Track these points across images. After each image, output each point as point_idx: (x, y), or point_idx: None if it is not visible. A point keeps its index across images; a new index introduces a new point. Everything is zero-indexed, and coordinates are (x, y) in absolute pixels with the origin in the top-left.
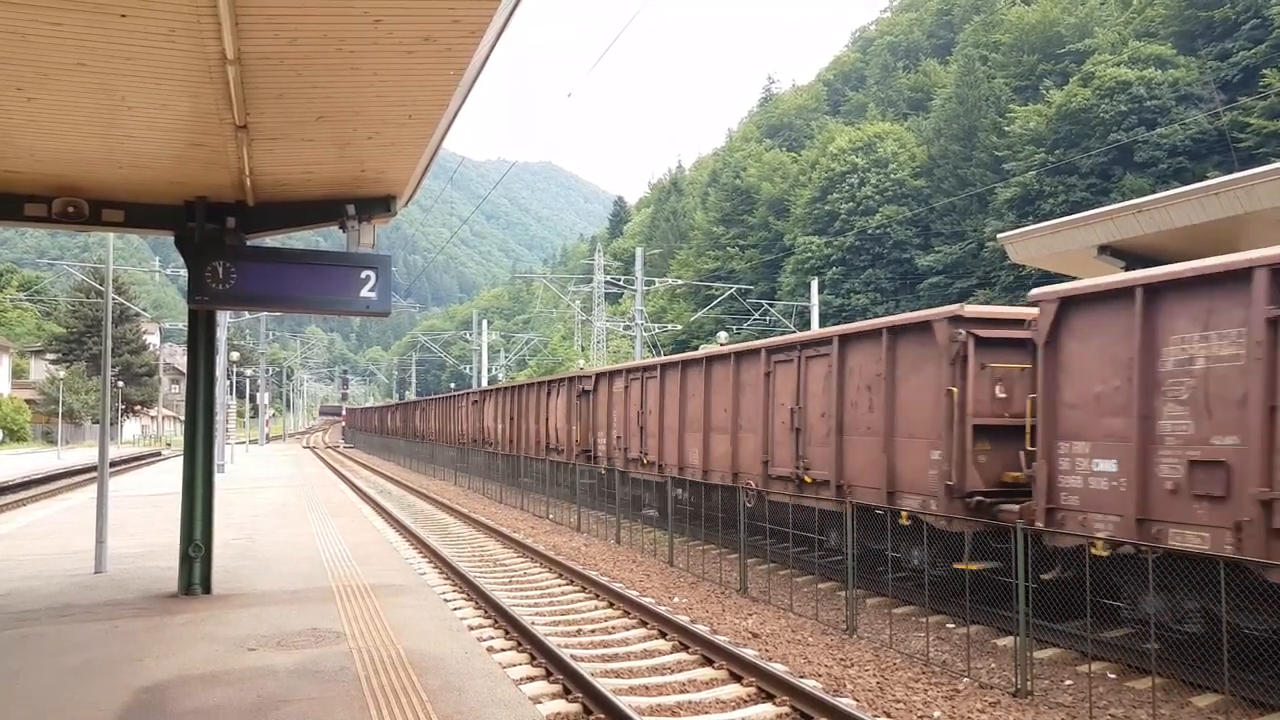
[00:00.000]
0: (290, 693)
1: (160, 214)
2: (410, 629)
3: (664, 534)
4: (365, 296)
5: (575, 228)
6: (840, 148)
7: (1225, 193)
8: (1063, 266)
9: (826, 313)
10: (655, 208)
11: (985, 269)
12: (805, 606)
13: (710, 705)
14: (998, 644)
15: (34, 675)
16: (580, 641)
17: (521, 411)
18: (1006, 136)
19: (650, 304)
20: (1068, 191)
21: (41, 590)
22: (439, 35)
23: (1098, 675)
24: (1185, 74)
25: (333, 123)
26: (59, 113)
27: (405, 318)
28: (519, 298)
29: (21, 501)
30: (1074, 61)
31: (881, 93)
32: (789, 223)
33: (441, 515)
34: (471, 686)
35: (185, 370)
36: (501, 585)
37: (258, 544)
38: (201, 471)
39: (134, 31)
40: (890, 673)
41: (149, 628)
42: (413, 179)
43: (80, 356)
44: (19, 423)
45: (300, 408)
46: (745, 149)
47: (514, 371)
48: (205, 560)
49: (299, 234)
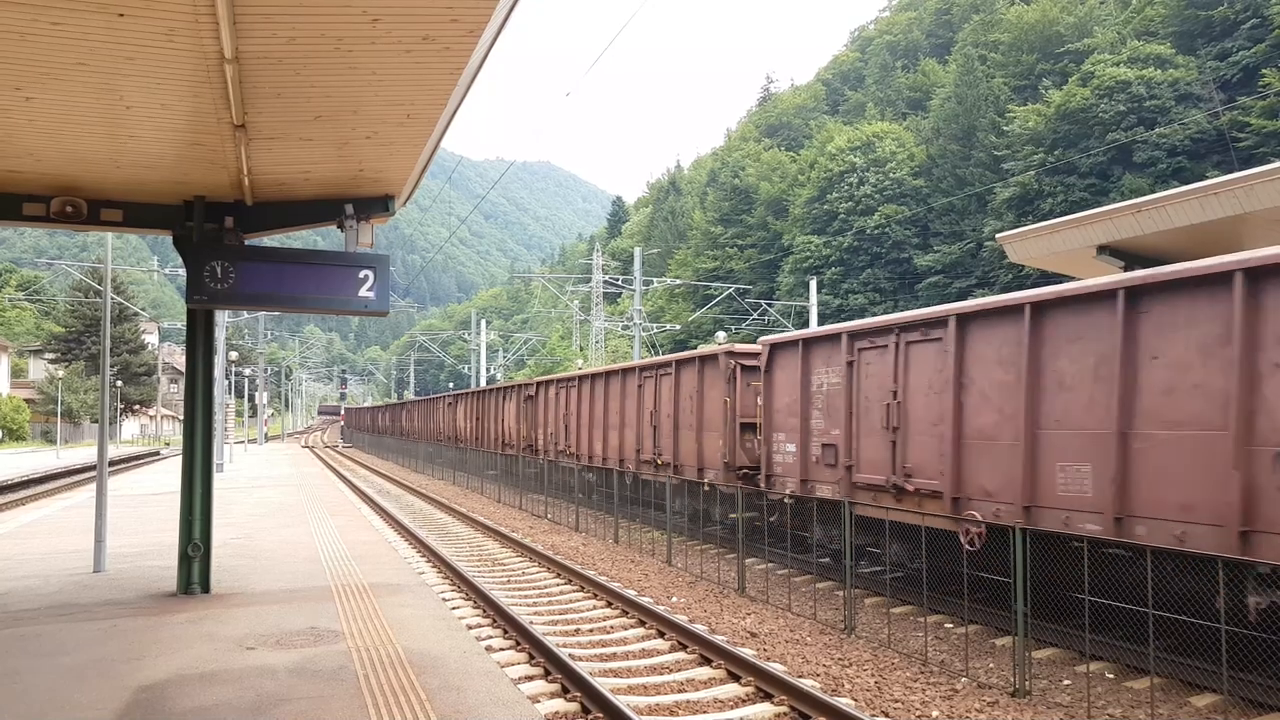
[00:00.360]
0: (289, 692)
1: (159, 213)
2: (409, 628)
3: (662, 534)
4: (364, 296)
5: (574, 227)
6: (839, 147)
7: (1225, 192)
8: (1062, 266)
9: (825, 312)
10: (654, 207)
11: (984, 269)
12: (803, 606)
13: (708, 704)
14: (996, 644)
15: (33, 674)
16: (579, 641)
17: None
18: (1005, 136)
19: (649, 304)
20: (1067, 191)
21: (40, 589)
22: (437, 34)
23: (1096, 675)
24: (1184, 74)
25: (331, 122)
26: (58, 112)
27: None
28: (517, 297)
29: (21, 501)
30: (1073, 61)
31: (880, 92)
32: (787, 222)
33: (440, 515)
34: (470, 685)
35: (184, 370)
36: (500, 584)
37: (256, 543)
38: (200, 471)
39: (133, 31)
40: (888, 672)
41: (148, 627)
42: (411, 178)
43: (79, 356)
44: (18, 422)
45: (299, 407)
46: (744, 148)
47: (512, 371)
48: (204, 559)
49: (297, 233)
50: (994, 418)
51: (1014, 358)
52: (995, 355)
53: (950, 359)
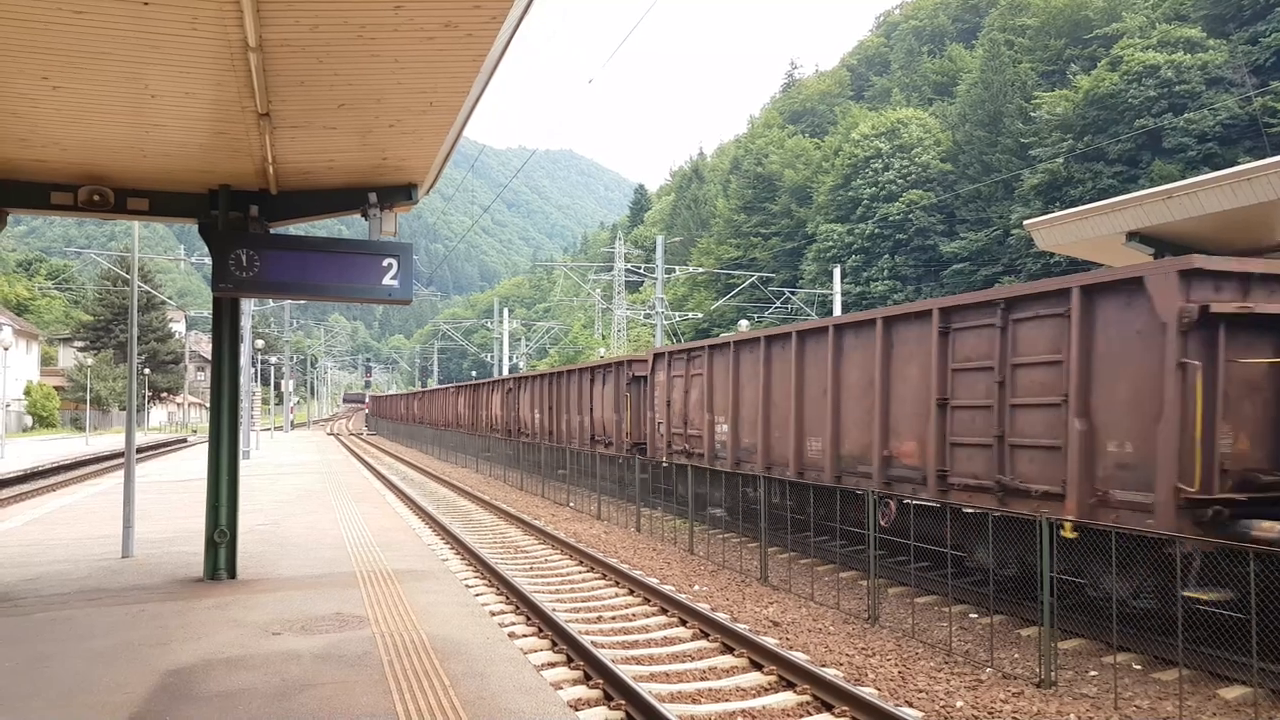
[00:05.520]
0: (314, 677)
1: (185, 202)
2: (433, 614)
3: (684, 522)
4: (387, 284)
5: (596, 215)
6: (864, 133)
7: (1258, 178)
8: (1090, 254)
9: (847, 300)
10: (676, 195)
11: (1011, 256)
12: (826, 595)
13: (730, 693)
14: (1021, 634)
15: (64, 658)
16: (601, 629)
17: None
18: (1033, 122)
19: (671, 292)
20: (1095, 178)
21: (70, 574)
22: (460, 21)
23: (1123, 666)
24: (1215, 57)
25: (354, 110)
26: (84, 101)
27: (427, 306)
28: (540, 286)
29: (51, 487)
30: (1102, 45)
31: (906, 78)
32: (811, 210)
33: (463, 502)
34: (493, 672)
35: (210, 358)
36: (523, 571)
37: (282, 529)
38: (226, 458)
39: (157, 19)
40: (912, 662)
41: (175, 612)
42: (434, 167)
43: (107, 344)
44: (48, 409)
45: (324, 395)
46: (767, 135)
47: (534, 360)
48: (230, 545)
49: (321, 222)
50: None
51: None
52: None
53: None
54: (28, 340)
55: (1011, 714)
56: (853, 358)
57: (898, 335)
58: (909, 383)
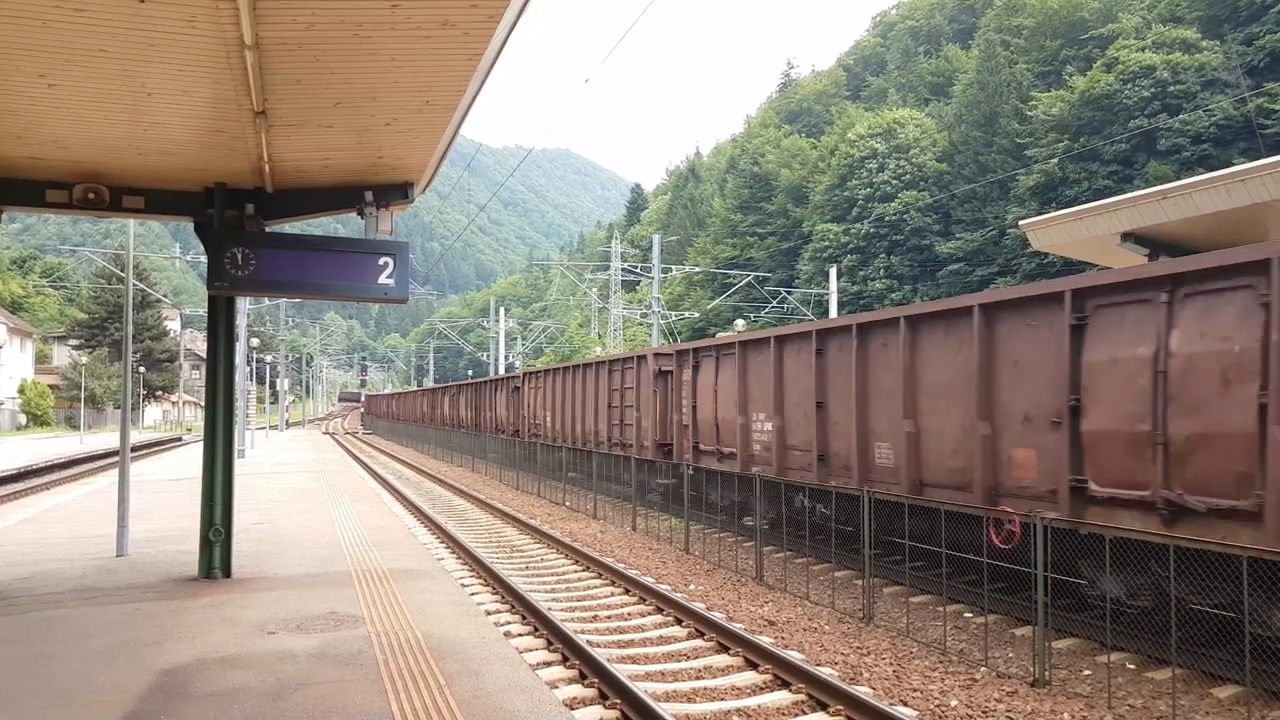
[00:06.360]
0: (309, 676)
1: (180, 200)
2: (428, 613)
3: (680, 521)
4: (383, 283)
5: (592, 215)
6: (860, 133)
7: (1252, 179)
8: (1085, 254)
9: (844, 300)
10: (673, 195)
11: (1006, 256)
12: (821, 594)
13: (726, 692)
14: (1015, 634)
15: (61, 657)
16: (596, 628)
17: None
18: (1028, 122)
19: (667, 291)
20: (1090, 179)
21: (65, 573)
22: (457, 20)
23: (1116, 666)
24: (1210, 59)
25: (350, 109)
26: (81, 99)
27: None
28: (536, 285)
29: (45, 485)
30: (1097, 46)
31: (902, 78)
32: (808, 209)
33: (459, 501)
34: (489, 671)
35: (205, 356)
36: (518, 571)
37: (277, 528)
38: (221, 456)
39: (154, 17)
40: (907, 661)
41: (170, 611)
42: (430, 165)
43: (102, 342)
44: (42, 407)
45: (319, 394)
46: (764, 135)
47: (530, 359)
48: (225, 544)
49: (317, 220)
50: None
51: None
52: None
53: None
54: (22, 338)
55: (1006, 713)
56: (932, 356)
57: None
58: (1025, 382)
